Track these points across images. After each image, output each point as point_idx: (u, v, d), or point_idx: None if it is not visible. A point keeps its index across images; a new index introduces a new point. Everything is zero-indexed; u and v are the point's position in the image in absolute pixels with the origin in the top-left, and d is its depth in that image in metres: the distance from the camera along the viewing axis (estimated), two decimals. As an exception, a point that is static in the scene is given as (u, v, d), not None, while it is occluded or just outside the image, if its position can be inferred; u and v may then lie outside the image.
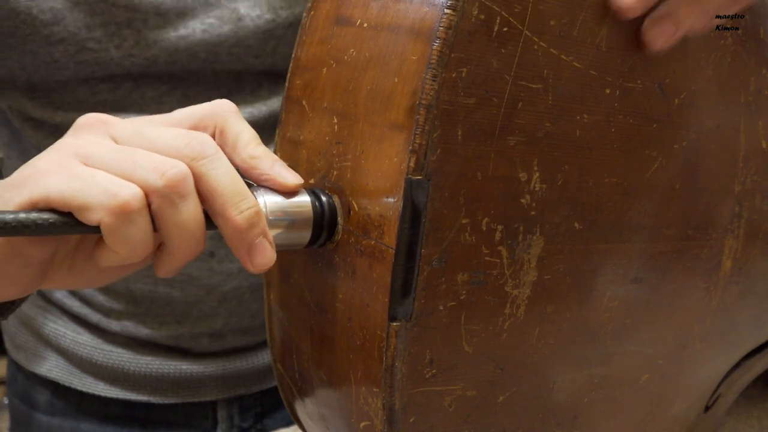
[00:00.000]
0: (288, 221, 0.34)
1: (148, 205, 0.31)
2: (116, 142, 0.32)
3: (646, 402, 0.45)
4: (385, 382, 0.32)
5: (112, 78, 0.55)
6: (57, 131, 0.57)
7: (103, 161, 0.31)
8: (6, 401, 1.88)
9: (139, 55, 0.53)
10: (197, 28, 0.54)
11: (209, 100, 0.36)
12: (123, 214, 0.30)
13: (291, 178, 0.34)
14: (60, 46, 0.52)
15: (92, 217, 0.30)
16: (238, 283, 0.60)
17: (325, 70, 0.36)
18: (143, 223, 0.30)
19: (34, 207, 0.30)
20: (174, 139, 0.32)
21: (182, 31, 0.53)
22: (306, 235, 0.34)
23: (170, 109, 0.35)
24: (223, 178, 0.31)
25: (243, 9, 0.55)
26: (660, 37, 0.35)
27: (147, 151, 0.31)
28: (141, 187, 0.30)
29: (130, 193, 0.30)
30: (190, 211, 0.31)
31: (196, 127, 0.34)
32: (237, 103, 0.56)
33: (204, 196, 0.32)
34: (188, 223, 0.31)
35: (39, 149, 0.59)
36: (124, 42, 0.53)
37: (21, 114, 0.58)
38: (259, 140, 0.35)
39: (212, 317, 0.61)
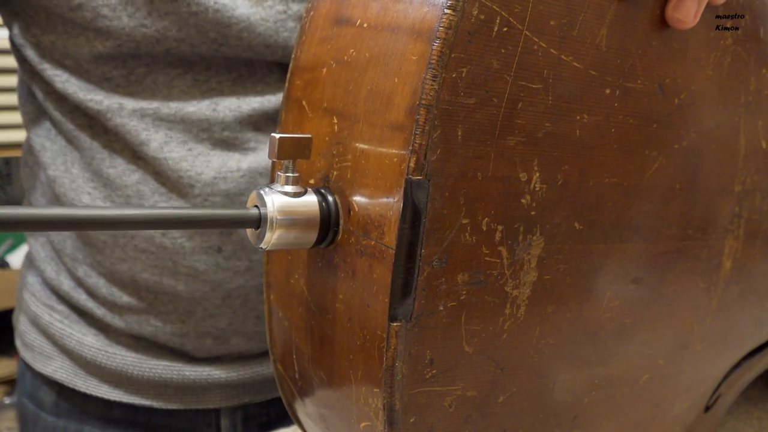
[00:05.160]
0: (296, 221, 0.34)
1: None
2: None
3: (646, 402, 0.45)
4: (385, 382, 0.32)
5: (124, 59, 0.56)
6: (76, 110, 0.58)
7: None
8: (6, 401, 1.88)
9: (150, 26, 0.54)
10: (210, 6, 0.54)
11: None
12: None
13: None
14: (78, 12, 0.54)
15: None
16: (244, 282, 0.60)
17: (325, 70, 0.36)
18: None
19: None
20: None
21: (194, 8, 0.54)
22: (313, 236, 0.34)
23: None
24: None
25: None
26: (688, 15, 0.37)
27: None
28: None
29: None
30: None
31: None
32: (246, 92, 0.55)
33: None
34: None
35: (61, 128, 0.60)
36: (137, 12, 0.54)
37: (45, 88, 0.59)
38: None
39: (216, 316, 0.61)
